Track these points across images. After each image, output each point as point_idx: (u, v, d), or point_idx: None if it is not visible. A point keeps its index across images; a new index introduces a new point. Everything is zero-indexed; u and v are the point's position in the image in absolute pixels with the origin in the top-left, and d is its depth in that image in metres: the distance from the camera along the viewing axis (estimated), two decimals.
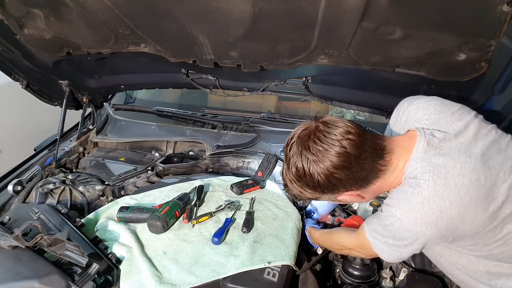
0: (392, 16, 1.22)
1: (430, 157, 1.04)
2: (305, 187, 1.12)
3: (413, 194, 1.02)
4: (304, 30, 1.35)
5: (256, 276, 1.23)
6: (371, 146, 1.07)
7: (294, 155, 1.10)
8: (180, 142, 2.24)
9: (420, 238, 1.04)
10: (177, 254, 1.33)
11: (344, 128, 1.06)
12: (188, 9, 1.35)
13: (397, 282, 1.35)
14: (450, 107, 1.14)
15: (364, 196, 1.16)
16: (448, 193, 0.98)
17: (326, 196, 1.15)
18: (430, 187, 1.00)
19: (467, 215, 0.99)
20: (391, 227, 1.07)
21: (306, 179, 1.09)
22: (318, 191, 1.12)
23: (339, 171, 1.05)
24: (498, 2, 1.07)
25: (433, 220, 1.00)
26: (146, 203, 1.63)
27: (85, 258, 1.14)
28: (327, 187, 1.10)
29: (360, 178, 1.08)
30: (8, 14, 1.55)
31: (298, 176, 1.11)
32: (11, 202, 1.76)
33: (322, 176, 1.07)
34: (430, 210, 0.99)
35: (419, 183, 1.02)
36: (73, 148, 2.18)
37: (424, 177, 1.02)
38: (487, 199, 0.99)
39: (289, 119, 2.09)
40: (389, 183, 1.12)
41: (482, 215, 1.00)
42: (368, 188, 1.12)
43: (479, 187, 0.99)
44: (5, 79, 2.01)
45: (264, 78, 1.93)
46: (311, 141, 1.07)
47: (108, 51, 1.70)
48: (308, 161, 1.07)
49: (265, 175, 1.80)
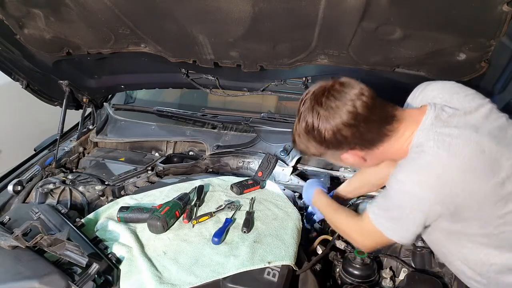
0: (392, 16, 1.22)
1: (436, 128, 1.07)
2: (311, 141, 1.15)
3: (417, 159, 1.05)
4: (304, 30, 1.35)
5: (256, 276, 1.22)
6: (381, 111, 1.11)
7: (306, 109, 1.14)
8: (180, 142, 2.24)
9: (421, 206, 1.05)
10: (177, 254, 1.33)
11: (358, 89, 1.10)
12: (188, 9, 1.35)
13: (397, 282, 1.35)
14: (464, 90, 1.17)
15: (366, 159, 1.18)
16: (450, 160, 1.00)
17: (330, 152, 1.17)
18: (434, 152, 1.02)
19: (468, 183, 1.00)
20: (394, 194, 1.09)
21: (313, 133, 1.13)
22: (323, 146, 1.15)
23: (347, 128, 1.08)
24: (498, 2, 1.07)
25: (434, 183, 1.01)
26: (146, 203, 1.63)
27: (85, 258, 1.14)
28: (332, 143, 1.12)
29: (366, 139, 1.12)
30: (8, 14, 1.55)
31: (306, 130, 1.14)
32: (11, 202, 1.76)
33: (330, 132, 1.10)
34: (432, 173, 1.02)
35: (423, 149, 1.05)
36: (73, 148, 2.18)
37: (428, 144, 1.04)
38: (490, 171, 1.00)
39: (289, 119, 2.09)
40: (393, 150, 1.14)
41: (485, 186, 1.01)
42: (372, 151, 1.15)
43: (482, 158, 1.00)
44: (5, 79, 2.01)
45: (264, 78, 1.93)
46: (325, 97, 1.11)
47: (108, 51, 1.70)
48: (318, 116, 1.11)
49: (265, 175, 1.80)
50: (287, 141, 2.05)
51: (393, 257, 1.38)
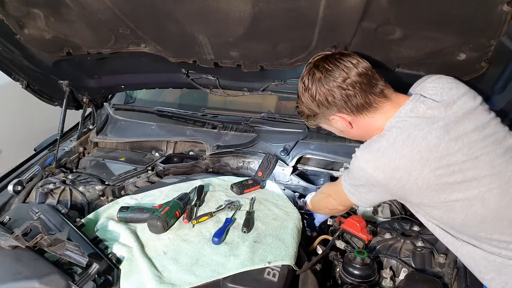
0: (392, 16, 1.22)
1: (407, 118, 1.15)
2: (306, 101, 1.28)
3: (375, 141, 1.15)
4: (304, 30, 1.35)
5: (256, 276, 1.22)
6: (372, 81, 1.21)
7: (305, 72, 1.27)
8: (180, 142, 2.24)
9: (371, 182, 1.15)
10: (177, 254, 1.33)
11: (356, 59, 1.22)
12: (188, 9, 1.35)
13: (397, 282, 1.35)
14: (460, 87, 1.21)
15: (353, 126, 1.27)
16: (402, 148, 1.09)
17: (321, 113, 1.28)
18: (391, 139, 1.12)
19: (413, 169, 1.08)
20: (352, 166, 1.21)
21: (308, 93, 1.25)
22: (314, 106, 1.27)
23: (336, 90, 1.20)
24: (498, 2, 1.07)
25: (381, 165, 1.11)
26: (146, 203, 1.63)
27: (85, 258, 1.14)
28: (323, 104, 1.24)
29: (353, 104, 1.20)
30: (8, 14, 1.55)
31: (302, 90, 1.27)
32: (11, 202, 1.76)
33: (321, 93, 1.22)
34: (381, 156, 1.11)
35: (385, 133, 1.15)
36: (73, 148, 2.19)
37: (391, 131, 1.14)
38: (439, 163, 1.07)
39: (289, 119, 2.09)
40: (375, 125, 1.22)
41: (428, 174, 1.07)
42: (357, 119, 1.24)
43: (434, 151, 1.07)
44: (5, 79, 2.01)
45: (264, 78, 1.93)
46: (323, 62, 1.23)
47: (108, 51, 1.70)
48: (313, 77, 1.23)
49: (265, 175, 1.80)
50: (287, 141, 2.05)
51: (393, 257, 1.38)
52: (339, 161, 1.98)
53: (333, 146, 2.00)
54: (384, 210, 1.70)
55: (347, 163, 1.97)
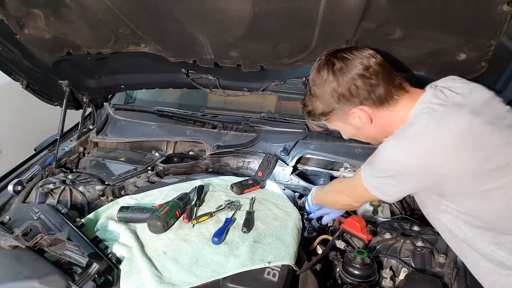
0: (392, 16, 1.22)
1: (432, 104, 1.12)
2: (324, 95, 1.20)
3: (407, 129, 1.11)
4: (304, 30, 1.35)
5: (256, 276, 1.22)
6: (390, 73, 1.19)
7: (321, 63, 1.21)
8: (180, 142, 2.24)
9: (404, 172, 1.10)
10: (177, 254, 1.33)
11: (372, 51, 1.19)
12: (188, 9, 1.35)
13: (397, 282, 1.35)
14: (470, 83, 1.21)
15: (373, 120, 1.21)
16: (436, 133, 1.06)
17: (340, 108, 1.21)
18: (423, 125, 1.08)
19: (450, 154, 1.04)
20: (379, 157, 1.15)
21: (327, 86, 1.19)
22: (334, 100, 1.19)
23: (360, 79, 1.15)
24: (498, 2, 1.07)
25: (416, 151, 1.07)
26: (146, 203, 1.63)
27: (85, 258, 1.14)
28: (344, 96, 1.17)
29: (376, 94, 1.16)
30: (8, 14, 1.55)
31: (319, 84, 1.20)
32: (11, 202, 1.75)
33: (343, 83, 1.16)
34: (415, 143, 1.07)
35: (415, 121, 1.11)
36: (73, 148, 2.18)
37: (421, 116, 1.11)
38: (475, 147, 1.05)
39: (289, 119, 2.09)
40: (396, 120, 1.18)
41: (465, 159, 1.04)
42: (378, 113, 1.19)
43: (469, 135, 1.05)
44: (5, 79, 2.01)
45: (264, 78, 1.93)
46: (341, 52, 1.19)
47: (108, 51, 1.70)
48: (333, 68, 1.17)
49: (265, 175, 1.80)
50: (287, 141, 2.05)
51: (393, 257, 1.38)
52: (339, 161, 1.98)
53: (333, 146, 2.00)
54: (384, 210, 1.70)
55: (347, 163, 1.97)
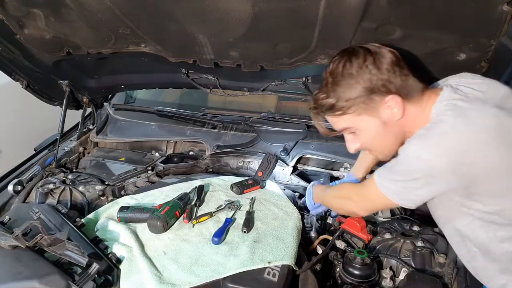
0: (392, 16, 1.22)
1: (455, 100, 1.07)
2: (353, 85, 1.12)
3: (434, 128, 1.04)
4: (304, 30, 1.35)
5: (256, 276, 1.22)
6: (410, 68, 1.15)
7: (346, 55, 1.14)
8: (180, 142, 2.24)
9: (433, 172, 1.03)
10: (177, 254, 1.33)
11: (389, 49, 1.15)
12: (188, 9, 1.35)
13: (397, 282, 1.35)
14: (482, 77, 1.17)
15: (405, 112, 1.13)
16: (465, 130, 1.01)
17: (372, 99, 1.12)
18: (450, 122, 1.02)
19: (482, 152, 1.00)
20: (405, 159, 1.08)
21: (357, 75, 1.11)
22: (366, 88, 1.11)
23: (396, 67, 1.11)
24: (498, 2, 1.07)
25: (447, 150, 1.01)
26: (146, 203, 1.63)
27: (85, 258, 1.14)
28: (377, 88, 1.10)
29: (409, 85, 1.12)
30: (8, 14, 1.55)
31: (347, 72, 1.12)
32: (11, 202, 1.75)
33: (379, 70, 1.10)
34: (445, 141, 1.01)
35: (441, 119, 1.04)
36: (73, 148, 2.18)
37: (447, 114, 1.04)
38: (506, 142, 1.01)
39: (289, 119, 2.09)
40: (420, 119, 1.12)
41: (496, 155, 1.01)
42: (410, 105, 1.13)
43: (498, 130, 1.01)
44: (5, 79, 2.01)
45: (264, 78, 1.93)
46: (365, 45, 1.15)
47: (108, 51, 1.70)
48: (365, 59, 1.11)
49: (265, 175, 1.80)
50: (287, 141, 2.05)
51: (393, 257, 1.38)
52: (339, 161, 1.98)
53: (333, 146, 2.00)
54: (384, 210, 1.70)
55: (347, 163, 1.96)
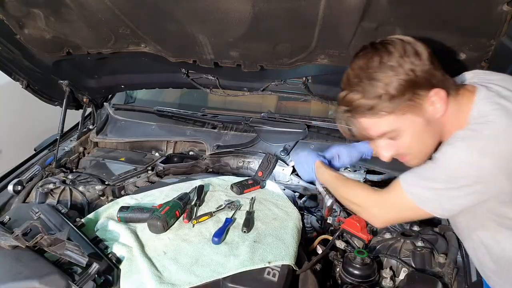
0: (392, 16, 1.22)
1: (496, 99, 0.97)
2: (393, 78, 0.97)
3: (480, 129, 0.94)
4: (304, 30, 1.35)
5: (256, 276, 1.22)
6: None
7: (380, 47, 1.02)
8: (180, 142, 2.24)
9: (482, 176, 0.92)
10: (177, 254, 1.33)
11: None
12: (188, 9, 1.35)
13: (397, 282, 1.35)
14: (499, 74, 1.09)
15: (448, 106, 1.02)
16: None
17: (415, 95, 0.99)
18: (503, 123, 0.92)
19: None
20: (446, 163, 0.97)
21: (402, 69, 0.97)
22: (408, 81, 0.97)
23: (435, 60, 1.01)
24: (498, 2, 1.07)
25: (500, 152, 0.91)
26: (146, 203, 1.63)
27: (85, 258, 1.14)
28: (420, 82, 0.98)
29: (448, 80, 1.04)
30: (8, 14, 1.55)
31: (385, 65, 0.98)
32: (11, 202, 1.75)
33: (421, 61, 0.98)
34: (498, 142, 0.91)
35: (489, 119, 0.94)
36: (73, 148, 2.18)
37: (495, 113, 0.94)
38: None
39: (289, 119, 2.09)
40: (459, 118, 1.01)
41: None
42: (450, 100, 1.02)
43: None
44: (5, 79, 2.01)
45: (264, 78, 1.93)
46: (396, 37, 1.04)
47: (108, 51, 1.70)
48: (404, 51, 0.98)
49: (265, 175, 1.80)
50: (287, 141, 2.05)
51: (393, 257, 1.38)
52: None
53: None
54: None
55: None
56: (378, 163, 1.90)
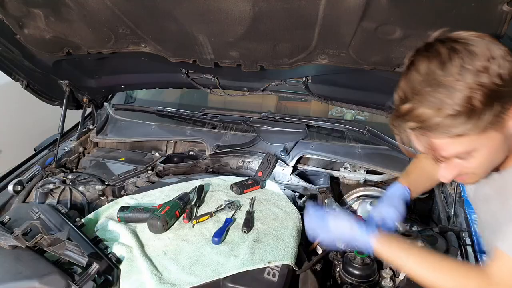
0: (392, 16, 1.22)
1: None
2: (479, 89, 0.77)
3: None
4: (304, 30, 1.35)
5: (256, 276, 1.23)
6: None
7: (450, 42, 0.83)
8: (180, 142, 2.24)
9: None
10: (177, 254, 1.33)
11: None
12: (188, 9, 1.35)
13: (397, 282, 1.35)
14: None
15: None
16: None
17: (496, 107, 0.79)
18: None
19: None
20: None
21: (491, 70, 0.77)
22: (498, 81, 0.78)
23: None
24: (498, 2, 1.07)
25: None
26: (146, 203, 1.63)
27: (85, 258, 1.14)
28: (501, 84, 0.78)
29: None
30: (8, 14, 1.55)
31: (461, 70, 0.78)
32: (11, 202, 1.75)
33: (502, 63, 0.78)
34: None
35: None
36: (73, 148, 2.18)
37: None
38: None
39: (289, 119, 2.09)
40: None
41: None
42: None
43: None
44: (5, 79, 2.01)
45: (264, 78, 1.93)
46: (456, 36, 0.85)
47: (108, 51, 1.70)
48: (486, 44, 0.80)
49: (265, 175, 1.80)
50: (287, 141, 2.05)
51: None
52: (339, 161, 1.98)
53: (333, 146, 2.00)
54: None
55: (347, 163, 1.96)
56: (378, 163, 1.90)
